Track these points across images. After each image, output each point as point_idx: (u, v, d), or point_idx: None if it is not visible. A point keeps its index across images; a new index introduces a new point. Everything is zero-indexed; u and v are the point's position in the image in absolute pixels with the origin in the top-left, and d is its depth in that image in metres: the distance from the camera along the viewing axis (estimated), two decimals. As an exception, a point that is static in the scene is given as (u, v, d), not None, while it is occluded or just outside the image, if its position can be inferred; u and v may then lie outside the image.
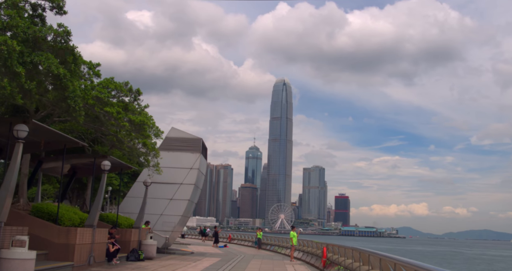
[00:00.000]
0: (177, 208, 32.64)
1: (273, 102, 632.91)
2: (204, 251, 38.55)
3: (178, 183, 32.87)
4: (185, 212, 32.94)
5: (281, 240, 43.72)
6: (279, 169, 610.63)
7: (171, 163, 33.06)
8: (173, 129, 33.93)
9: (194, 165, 33.02)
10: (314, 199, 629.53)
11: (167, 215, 32.56)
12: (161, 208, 32.58)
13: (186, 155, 33.22)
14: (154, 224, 32.47)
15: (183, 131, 34.01)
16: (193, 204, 35.34)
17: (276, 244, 44.54)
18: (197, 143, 33.46)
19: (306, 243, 33.30)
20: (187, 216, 34.91)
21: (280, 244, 43.23)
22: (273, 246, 45.56)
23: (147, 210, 31.95)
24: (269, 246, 46.83)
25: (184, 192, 32.76)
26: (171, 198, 32.73)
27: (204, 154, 34.59)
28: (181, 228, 35.85)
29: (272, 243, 46.53)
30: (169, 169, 32.83)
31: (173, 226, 32.52)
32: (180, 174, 32.93)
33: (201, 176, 34.31)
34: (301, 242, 33.75)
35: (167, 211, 32.58)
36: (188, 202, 32.74)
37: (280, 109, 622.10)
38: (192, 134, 33.93)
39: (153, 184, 32.12)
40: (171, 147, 33.35)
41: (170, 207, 32.59)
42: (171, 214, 32.56)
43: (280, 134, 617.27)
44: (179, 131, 33.89)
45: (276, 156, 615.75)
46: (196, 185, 33.24)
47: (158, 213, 32.58)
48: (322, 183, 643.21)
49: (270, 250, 45.35)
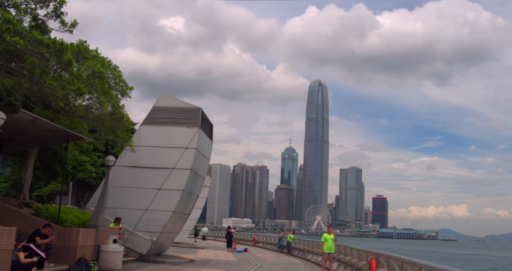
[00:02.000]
0: (168, 201, 24.18)
1: (309, 102, 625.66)
2: (213, 258, 30.03)
3: (168, 168, 24.41)
4: (179, 206, 24.42)
5: (311, 244, 34.82)
6: (315, 170, 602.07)
7: (160, 141, 24.73)
8: (163, 97, 25.46)
9: (190, 143, 24.47)
10: (351, 200, 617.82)
11: (154, 211, 24.11)
12: (145, 201, 24.18)
13: (180, 130, 24.74)
14: (137, 223, 24.07)
15: (176, 99, 25.51)
16: (193, 196, 26.77)
17: (306, 249, 35.62)
18: (194, 114, 24.92)
19: (344, 250, 24.44)
20: (184, 213, 26.40)
21: (311, 249, 34.31)
22: (302, 251, 36.71)
23: (125, 203, 23.85)
24: (297, 252, 37.98)
25: (177, 179, 24.27)
26: (160, 188, 24.25)
27: (205, 129, 26.00)
28: (177, 228, 27.31)
29: (301, 247, 37.64)
30: (156, 149, 24.54)
31: (163, 225, 24.01)
32: (172, 155, 24.48)
33: (201, 158, 25.76)
34: (338, 248, 24.84)
35: (154, 205, 24.13)
36: (183, 193, 24.20)
37: (316, 110, 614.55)
38: (188, 103, 25.38)
39: (134, 169, 23.89)
40: (159, 119, 24.95)
41: (158, 200, 24.13)
42: (159, 209, 24.11)
43: (316, 135, 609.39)
44: (170, 99, 25.41)
45: (312, 157, 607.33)
46: (193, 170, 24.69)
47: (142, 207, 24.18)
48: (359, 184, 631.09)
49: (299, 256, 36.50)
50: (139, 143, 24.66)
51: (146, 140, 24.75)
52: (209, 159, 28.08)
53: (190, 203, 26.83)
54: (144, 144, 24.70)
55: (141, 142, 24.71)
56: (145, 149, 24.67)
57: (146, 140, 24.75)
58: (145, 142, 24.72)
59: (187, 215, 27.46)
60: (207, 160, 27.73)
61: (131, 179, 24.38)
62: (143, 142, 24.72)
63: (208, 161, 27.96)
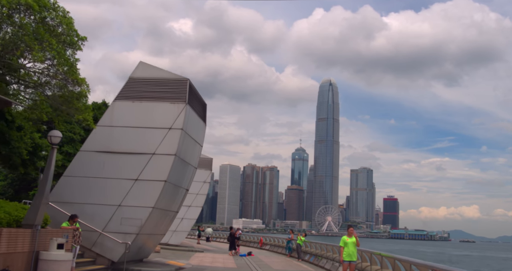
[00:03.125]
0: (146, 194, 19.28)
1: (319, 103, 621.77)
2: (208, 265, 25.15)
3: (147, 153, 19.52)
4: (160, 201, 19.51)
5: (325, 247, 29.77)
6: (326, 171, 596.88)
7: (137, 120, 19.87)
8: (142, 66, 20.50)
9: (175, 123, 19.55)
10: (362, 201, 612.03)
11: (129, 207, 19.23)
12: (118, 195, 19.32)
13: (163, 107, 19.85)
14: (107, 222, 19.19)
15: (158, 68, 20.53)
16: (180, 190, 21.85)
17: (320, 254, 30.58)
18: (180, 86, 20.01)
19: (370, 257, 19.42)
20: (169, 210, 21.46)
21: (324, 253, 29.27)
22: (314, 255, 31.68)
23: (92, 197, 19.04)
24: (308, 256, 32.96)
25: (158, 167, 19.38)
26: (136, 178, 19.36)
27: (195, 106, 21.10)
28: (162, 229, 22.36)
29: (313, 251, 32.60)
30: (133, 130, 19.71)
31: (140, 225, 19.09)
32: (152, 138, 19.61)
33: (189, 143, 20.85)
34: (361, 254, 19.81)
35: (129, 200, 19.25)
36: (165, 185, 19.28)
37: (326, 110, 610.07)
38: (173, 73, 20.44)
39: (105, 154, 19.07)
40: (137, 93, 20.06)
41: (134, 193, 19.25)
42: (135, 204, 19.21)
43: (327, 135, 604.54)
44: (150, 69, 20.45)
45: (323, 158, 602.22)
46: (179, 157, 19.77)
47: (114, 203, 19.29)
48: (370, 185, 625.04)
49: (310, 262, 31.49)
50: (111, 122, 19.86)
51: (120, 118, 19.89)
52: (201, 145, 23.13)
53: (177, 198, 21.91)
54: (118, 124, 19.86)
55: (114, 121, 19.88)
56: (118, 130, 19.84)
57: (120, 118, 19.89)
58: (119, 121, 19.87)
59: (174, 212, 22.53)
60: (199, 145, 22.78)
61: (101, 167, 19.53)
62: (117, 121, 19.88)
63: (200, 147, 23.00)
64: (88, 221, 18.95)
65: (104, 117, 19.98)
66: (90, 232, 18.96)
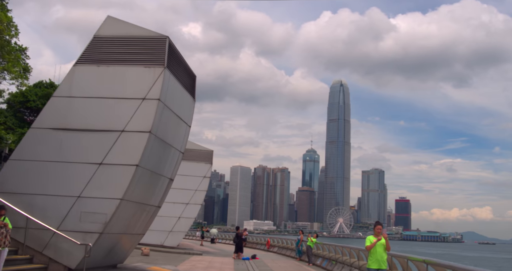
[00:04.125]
0: (113, 182, 15.08)
1: (330, 104, 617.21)
2: (200, 271, 20.93)
3: (115, 130, 15.30)
4: (131, 191, 15.27)
5: (340, 250, 25.39)
6: (337, 172, 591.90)
7: (103, 89, 15.70)
8: (110, 20, 16.22)
9: (150, 92, 15.33)
10: (374, 202, 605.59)
11: (91, 199, 15.02)
12: (77, 183, 15.12)
13: (135, 72, 15.66)
14: (63, 217, 15.00)
15: (130, 23, 16.26)
16: (160, 179, 17.59)
17: (334, 258, 26.23)
18: (157, 46, 15.76)
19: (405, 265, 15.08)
20: (144, 203, 17.19)
21: (340, 257, 24.91)
22: (327, 259, 27.38)
23: (45, 187, 14.97)
24: (320, 260, 28.66)
25: (129, 148, 15.18)
26: (101, 162, 15.14)
27: (178, 73, 16.85)
28: (139, 227, 18.04)
29: (325, 255, 28.27)
30: (97, 102, 15.55)
31: (104, 222, 14.85)
32: (121, 111, 15.42)
33: (170, 118, 16.63)
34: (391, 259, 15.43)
35: (91, 190, 15.04)
36: (137, 171, 15.04)
37: (337, 111, 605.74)
38: (149, 30, 16.17)
39: (62, 132, 15.01)
40: (103, 55, 15.85)
41: (97, 182, 15.04)
42: (99, 195, 14.99)
43: (338, 136, 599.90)
44: (121, 25, 16.20)
45: (334, 159, 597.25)
46: (155, 135, 15.53)
47: (71, 193, 15.09)
48: (381, 186, 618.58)
49: (323, 267, 27.21)
50: (70, 92, 15.67)
51: (82, 87, 15.70)
52: (188, 124, 18.86)
53: (157, 189, 17.65)
54: (79, 94, 15.66)
55: (74, 90, 15.69)
56: (79, 101, 15.65)
57: (82, 87, 15.70)
58: (80, 91, 15.67)
59: (155, 207, 18.25)
60: (185, 125, 18.51)
61: (57, 149, 15.36)
62: (77, 90, 15.68)
63: (186, 127, 18.73)
64: (39, 216, 14.82)
65: (62, 86, 15.80)
66: (42, 230, 14.84)
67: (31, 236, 14.88)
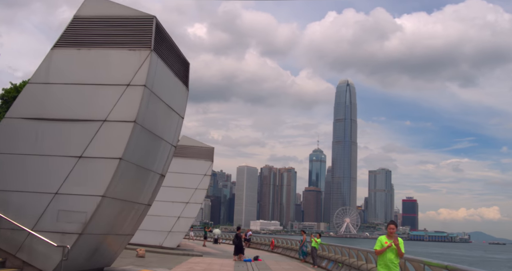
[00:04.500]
0: (94, 178, 13.58)
1: (337, 103, 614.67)
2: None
3: (96, 120, 13.80)
4: (114, 187, 13.76)
5: (346, 252, 23.77)
6: (344, 172, 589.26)
7: (83, 75, 14.23)
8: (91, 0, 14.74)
9: (135, 78, 13.83)
10: (381, 202, 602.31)
11: (69, 196, 13.54)
12: (55, 178, 13.64)
13: (118, 56, 14.17)
14: (39, 216, 13.52)
15: (113, 2, 14.67)
16: (149, 174, 16.07)
17: (340, 260, 24.65)
18: (143, 27, 14.24)
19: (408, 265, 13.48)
20: (134, 202, 15.69)
21: (346, 259, 23.31)
22: (333, 261, 25.80)
23: (19, 183, 13.52)
24: (325, 262, 27.08)
25: (111, 139, 13.70)
26: (80, 155, 13.65)
27: (167, 57, 15.33)
28: (126, 227, 16.51)
29: (331, 256, 26.70)
30: (77, 89, 14.03)
31: (84, 222, 13.35)
32: (103, 98, 13.92)
33: (158, 106, 15.12)
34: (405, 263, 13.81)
35: (69, 186, 13.56)
36: (121, 165, 13.54)
37: (343, 111, 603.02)
38: (135, 9, 14.63)
39: (38, 122, 13.53)
40: (85, 38, 14.37)
41: (77, 177, 13.56)
42: (79, 192, 13.51)
43: (344, 136, 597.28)
44: (103, 4, 14.60)
45: (340, 159, 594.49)
46: (141, 125, 14.02)
47: (49, 190, 13.62)
48: (388, 186, 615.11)
49: (328, 269, 25.64)
50: (47, 78, 14.20)
51: (61, 73, 14.21)
52: (180, 115, 17.33)
53: (146, 185, 16.13)
54: (57, 80, 14.18)
55: (52, 76, 14.21)
56: (58, 88, 14.17)
57: (61, 73, 14.21)
58: (59, 77, 14.19)
59: (145, 206, 16.74)
60: (177, 115, 16.97)
61: (32, 141, 13.89)
62: (56, 76, 14.20)
63: (178, 118, 17.19)
64: (12, 215, 13.39)
65: (39, 72, 14.29)
66: (15, 231, 13.39)
67: (3, 237, 13.42)
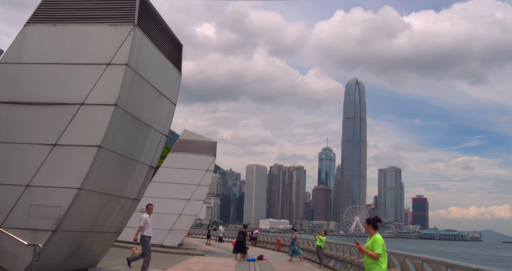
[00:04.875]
0: (70, 168, 12.09)
1: (346, 102, 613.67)
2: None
3: (73, 103, 12.30)
4: (93, 178, 12.25)
5: (354, 251, 22.15)
6: (353, 170, 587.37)
7: (60, 53, 12.73)
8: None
9: (116, 56, 12.32)
10: (391, 201, 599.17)
11: (42, 188, 12.07)
12: (27, 169, 12.16)
13: (98, 32, 12.65)
14: (8, 211, 12.05)
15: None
16: (135, 165, 14.53)
17: (348, 260, 23.05)
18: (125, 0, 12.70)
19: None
20: (118, 195, 14.17)
21: (355, 259, 21.70)
22: (341, 261, 24.21)
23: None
24: (333, 262, 25.48)
25: (89, 125, 12.20)
26: (55, 143, 12.16)
27: (156, 36, 13.79)
28: (111, 224, 14.97)
29: (339, 256, 25.10)
30: (53, 69, 12.53)
31: (58, 217, 11.86)
32: (81, 79, 12.42)
33: (145, 89, 13.59)
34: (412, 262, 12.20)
35: (42, 178, 12.09)
36: (100, 153, 12.03)
37: (353, 109, 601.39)
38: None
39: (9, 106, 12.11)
40: (61, 12, 12.89)
41: (51, 167, 12.10)
42: (52, 184, 12.03)
43: (354, 134, 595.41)
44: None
45: (350, 157, 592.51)
46: (123, 109, 12.50)
47: (19, 182, 12.15)
48: (398, 184, 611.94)
49: (335, 270, 24.04)
50: (20, 57, 12.72)
51: (35, 51, 12.73)
52: (171, 100, 15.75)
53: (131, 177, 14.58)
54: (30, 60, 12.70)
55: (25, 55, 12.73)
56: (31, 68, 12.68)
57: (35, 51, 12.73)
58: (32, 56, 12.70)
59: (132, 200, 15.20)
60: (167, 100, 15.40)
61: (3, 127, 12.43)
62: (29, 55, 12.72)
63: (169, 103, 15.63)
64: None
65: (10, 51, 12.81)
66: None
67: (-31, 235, 11.96)
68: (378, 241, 8.73)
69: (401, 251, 16.03)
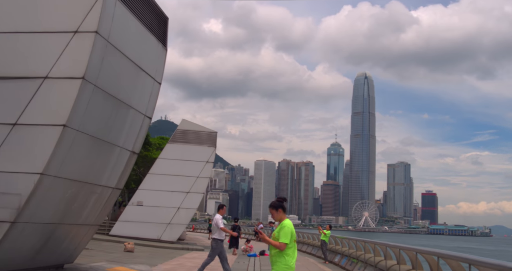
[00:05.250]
0: (31, 152, 10.54)
1: (355, 97, 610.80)
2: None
3: (35, 77, 10.73)
4: (58, 163, 10.71)
5: (362, 246, 20.54)
6: (362, 165, 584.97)
7: (21, 21, 11.16)
8: None
9: (84, 23, 10.73)
10: (400, 196, 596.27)
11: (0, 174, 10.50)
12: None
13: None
14: (-39, 200, 10.50)
15: None
16: (116, 150, 12.97)
17: (354, 256, 21.45)
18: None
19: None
20: (92, 183, 12.61)
21: (362, 255, 20.09)
22: (347, 257, 22.63)
23: None
24: (338, 257, 23.90)
25: (53, 102, 10.64)
26: (15, 123, 10.61)
27: (134, 4, 12.17)
28: (89, 215, 13.43)
29: (345, 251, 23.50)
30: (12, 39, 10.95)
31: (17, 207, 10.32)
32: (44, 50, 10.84)
33: (120, 63, 12.00)
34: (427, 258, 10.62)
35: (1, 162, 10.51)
36: (65, 132, 10.47)
37: (362, 104, 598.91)
38: None
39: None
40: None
41: (10, 150, 10.54)
42: (11, 169, 10.51)
43: (363, 129, 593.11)
44: None
45: (359, 152, 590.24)
46: (94, 84, 10.92)
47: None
48: (407, 180, 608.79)
49: (341, 266, 22.47)
50: (-24, 25, 11.13)
51: (-7, 19, 11.17)
52: (155, 78, 14.15)
53: (108, 162, 13.01)
54: (-12, 28, 11.12)
55: (-18, 23, 11.16)
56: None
57: (-7, 19, 11.17)
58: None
59: (111, 189, 13.64)
60: (149, 77, 13.77)
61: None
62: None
63: (152, 81, 14.01)
64: None
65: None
66: None
67: None
68: (285, 227, 7.01)
69: (411, 246, 14.46)
